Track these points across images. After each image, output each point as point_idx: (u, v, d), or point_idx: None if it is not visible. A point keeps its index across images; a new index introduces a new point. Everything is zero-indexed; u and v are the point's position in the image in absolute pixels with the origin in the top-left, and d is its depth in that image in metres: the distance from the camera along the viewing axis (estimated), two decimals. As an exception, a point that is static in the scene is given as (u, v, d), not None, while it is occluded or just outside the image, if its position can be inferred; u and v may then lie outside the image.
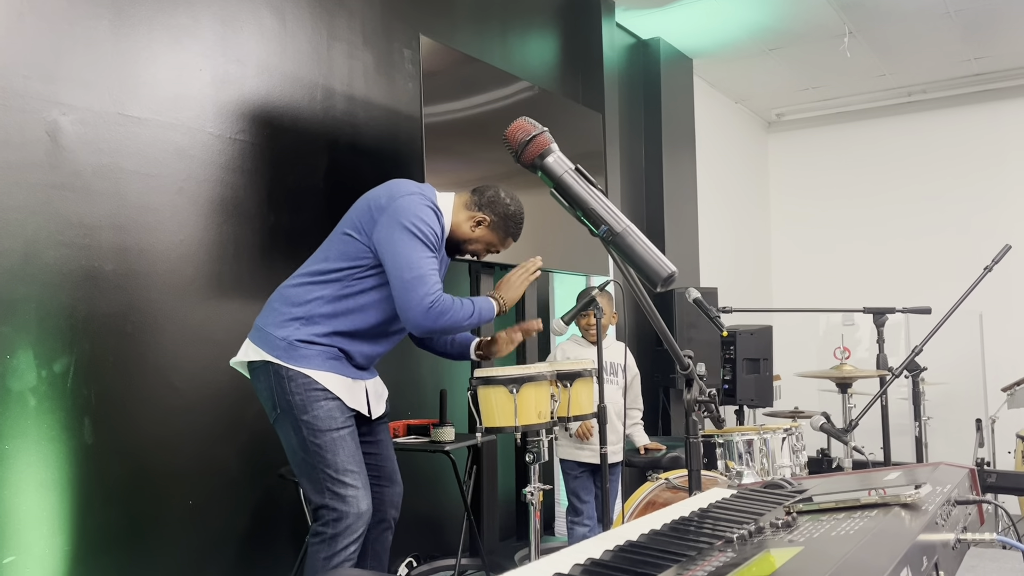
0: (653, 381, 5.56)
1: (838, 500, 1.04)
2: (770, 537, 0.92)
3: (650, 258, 1.04)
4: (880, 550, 0.81)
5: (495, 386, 2.31)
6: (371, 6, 3.72)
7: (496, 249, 2.57)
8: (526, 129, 1.10)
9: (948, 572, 0.97)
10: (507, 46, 4.61)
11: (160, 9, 2.85)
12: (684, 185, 6.20)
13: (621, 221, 1.05)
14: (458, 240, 2.50)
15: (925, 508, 1.01)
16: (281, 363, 2.26)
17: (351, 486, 2.22)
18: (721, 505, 1.16)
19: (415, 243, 2.25)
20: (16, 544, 2.37)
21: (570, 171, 1.06)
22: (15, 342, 2.40)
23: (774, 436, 2.83)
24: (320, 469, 2.24)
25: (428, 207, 2.33)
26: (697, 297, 3.10)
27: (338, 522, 2.21)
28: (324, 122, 3.44)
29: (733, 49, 6.28)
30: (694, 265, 6.26)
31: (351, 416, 2.32)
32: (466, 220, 2.49)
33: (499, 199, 2.51)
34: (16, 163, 2.44)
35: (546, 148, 1.09)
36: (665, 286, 1.04)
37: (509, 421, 2.29)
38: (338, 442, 2.24)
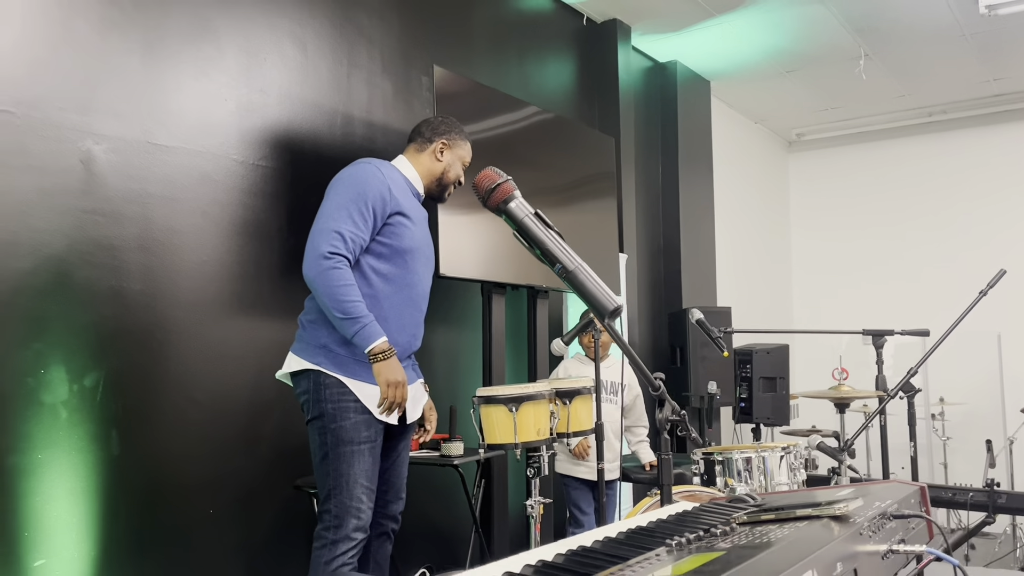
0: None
1: (776, 512, 1.14)
2: (705, 544, 1.02)
3: (598, 292, 1.14)
4: (791, 554, 0.91)
5: (495, 405, 2.43)
6: (390, 35, 3.87)
7: (468, 160, 2.71)
8: (492, 178, 1.22)
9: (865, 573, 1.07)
10: (524, 71, 4.74)
11: (188, 42, 3.02)
12: (701, 205, 6.28)
13: (574, 260, 1.16)
14: (438, 178, 2.64)
15: (853, 520, 1.11)
16: (321, 369, 2.39)
17: (357, 498, 2.34)
18: (679, 516, 1.26)
19: (337, 198, 2.40)
20: (46, 548, 2.52)
21: (530, 215, 1.18)
22: (48, 357, 2.56)
23: (772, 454, 2.91)
24: (334, 476, 2.36)
25: (362, 164, 2.49)
26: (700, 318, 3.19)
27: (338, 529, 2.33)
28: (344, 147, 3.59)
29: (750, 71, 6.37)
30: (711, 284, 6.33)
31: (379, 429, 2.43)
32: (429, 158, 2.63)
33: (432, 122, 2.68)
34: (51, 189, 2.61)
35: (509, 195, 1.20)
36: (612, 318, 1.14)
37: (509, 438, 2.40)
38: (356, 455, 2.36)
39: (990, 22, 5.38)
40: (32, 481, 2.50)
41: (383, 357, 2.31)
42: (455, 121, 2.71)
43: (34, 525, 2.49)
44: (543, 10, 4.95)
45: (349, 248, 2.35)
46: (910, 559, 1.23)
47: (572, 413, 2.53)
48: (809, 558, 0.91)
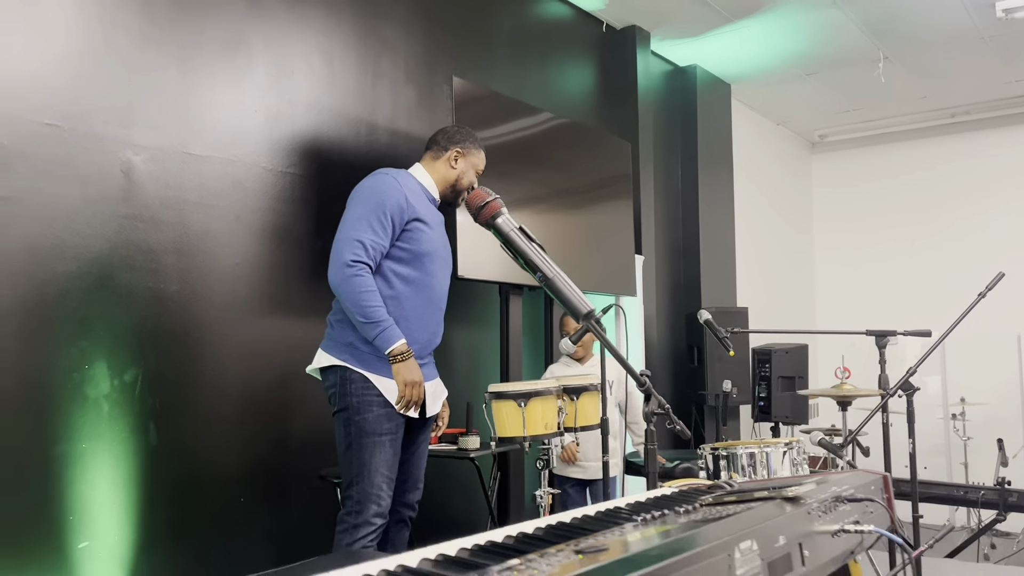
0: (685, 397, 5.74)
1: (738, 495, 1.28)
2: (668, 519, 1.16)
3: (573, 297, 1.28)
4: (737, 527, 1.05)
5: (505, 400, 2.57)
6: (414, 45, 4.04)
7: (481, 168, 2.87)
8: (482, 196, 1.37)
9: (816, 552, 1.20)
10: (545, 78, 4.88)
11: (221, 56, 3.20)
12: (721, 206, 6.38)
13: (552, 268, 1.30)
14: (452, 184, 2.80)
15: (804, 501, 1.24)
16: (347, 365, 2.56)
17: (378, 486, 2.51)
18: (655, 499, 1.40)
19: (358, 209, 2.58)
20: (90, 532, 2.71)
21: (515, 230, 1.32)
22: (91, 354, 2.76)
23: (775, 450, 3.02)
24: (356, 465, 2.53)
25: (380, 175, 2.66)
26: (708, 319, 3.31)
27: (359, 514, 2.50)
28: (368, 155, 3.76)
29: (770, 74, 6.45)
30: (730, 285, 6.42)
31: (400, 423, 2.59)
32: (444, 166, 2.80)
33: (448, 131, 2.85)
34: (94, 197, 2.80)
35: (497, 211, 1.35)
36: (586, 320, 1.27)
37: (518, 431, 2.55)
38: (378, 446, 2.53)
39: (1008, 25, 5.42)
40: (77, 469, 2.69)
41: (401, 358, 2.48)
42: (470, 130, 2.88)
43: (79, 510, 2.68)
44: (563, 18, 5.09)
45: (370, 255, 2.53)
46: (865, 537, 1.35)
47: (579, 408, 2.66)
48: (750, 529, 1.05)
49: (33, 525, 2.59)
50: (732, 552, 0.99)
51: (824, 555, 1.23)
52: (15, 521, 2.54)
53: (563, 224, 4.14)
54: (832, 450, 2.90)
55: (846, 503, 1.33)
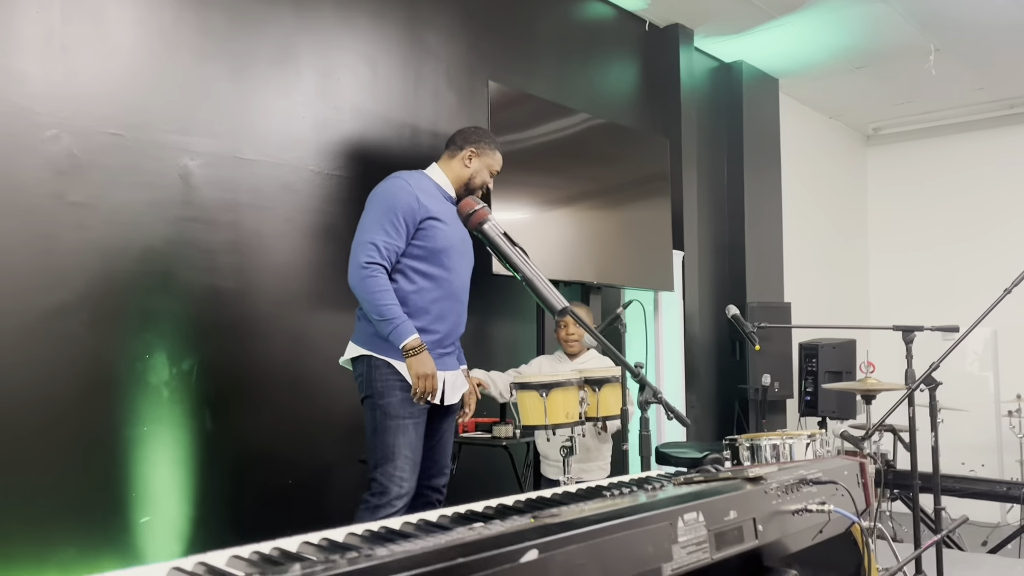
0: (728, 391, 5.81)
1: (706, 475, 1.41)
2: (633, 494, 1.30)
3: (549, 295, 1.41)
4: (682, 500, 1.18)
5: (529, 391, 2.73)
6: (455, 50, 4.21)
7: (496, 168, 2.99)
8: (471, 205, 1.53)
9: (773, 527, 1.32)
10: (588, 78, 5.01)
11: (271, 66, 3.41)
12: (767, 202, 6.40)
13: (532, 269, 1.44)
14: (465, 183, 2.91)
15: (764, 481, 1.37)
16: (373, 354, 2.74)
17: (401, 468, 2.68)
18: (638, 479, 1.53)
19: (372, 212, 2.74)
20: (150, 508, 2.96)
21: (499, 235, 1.46)
22: (154, 345, 3.00)
23: (798, 441, 3.10)
24: (381, 448, 2.70)
25: (392, 179, 2.80)
26: (735, 314, 3.41)
27: (382, 495, 2.67)
28: (410, 157, 3.94)
29: (819, 68, 6.44)
30: (777, 280, 6.44)
31: (423, 408, 2.75)
32: (460, 165, 2.93)
33: (466, 131, 2.97)
34: (158, 201, 3.05)
35: (484, 218, 1.50)
36: (561, 316, 1.41)
37: (540, 420, 2.70)
38: (401, 429, 2.69)
39: (1061, 16, 5.33)
40: (139, 450, 2.94)
41: (414, 352, 2.64)
42: (487, 131, 3.03)
43: (140, 487, 2.93)
44: (605, 18, 5.20)
45: (384, 256, 2.69)
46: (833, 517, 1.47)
47: (601, 399, 2.80)
48: (699, 503, 1.18)
49: (100, 500, 2.85)
50: (675, 521, 1.13)
51: (782, 530, 1.35)
52: (84, 496, 2.80)
53: (600, 222, 4.26)
54: (854, 442, 2.97)
55: (812, 485, 1.45)
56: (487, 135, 3.00)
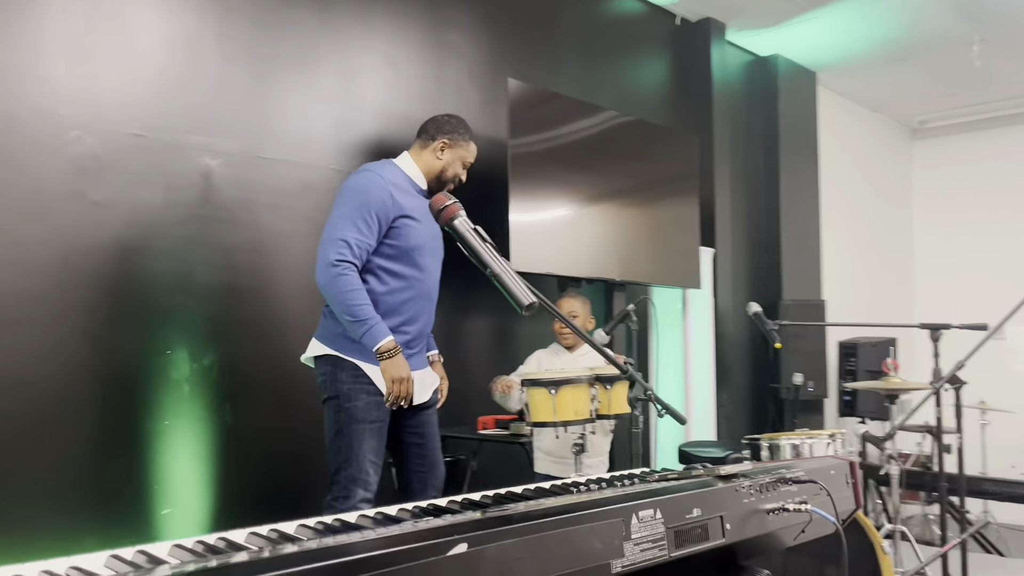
0: (762, 390, 5.72)
1: (679, 472, 1.39)
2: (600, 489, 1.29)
3: (516, 290, 1.40)
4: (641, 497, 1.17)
5: (538, 388, 2.71)
6: (478, 49, 4.21)
7: (469, 160, 2.87)
8: (442, 200, 1.51)
9: (742, 525, 1.30)
10: (616, 75, 4.97)
11: (292, 67, 3.46)
12: (804, 198, 6.28)
13: (500, 264, 1.42)
14: (437, 175, 2.82)
15: (736, 479, 1.34)
16: (339, 354, 2.66)
17: (366, 471, 2.61)
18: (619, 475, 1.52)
19: (343, 208, 2.61)
20: (172, 500, 3.02)
21: (470, 231, 1.46)
22: (174, 341, 3.07)
23: (818, 441, 3.04)
24: (345, 451, 2.63)
25: (364, 173, 2.68)
26: (756, 311, 3.35)
27: (347, 499, 2.61)
28: (432, 155, 3.96)
29: (859, 60, 6.30)
30: (814, 277, 6.32)
31: (387, 411, 2.68)
32: (430, 155, 2.81)
33: (438, 120, 2.85)
34: (178, 201, 3.11)
35: (454, 214, 1.49)
36: (529, 311, 1.39)
37: (550, 417, 2.68)
38: (367, 433, 2.62)
39: (1111, 2, 5.13)
40: (161, 443, 3.00)
41: (388, 356, 2.53)
42: (461, 121, 2.89)
43: (162, 480, 3.00)
44: (634, 13, 5.16)
45: (355, 254, 2.58)
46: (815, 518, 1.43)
47: (613, 396, 2.77)
48: (658, 500, 1.17)
49: (122, 492, 2.92)
50: (629, 518, 1.11)
51: (757, 529, 1.32)
52: (106, 488, 2.88)
53: (625, 219, 4.23)
54: (875, 443, 2.90)
55: (791, 484, 1.42)
56: (461, 125, 2.87)
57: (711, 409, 4.83)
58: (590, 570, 1.04)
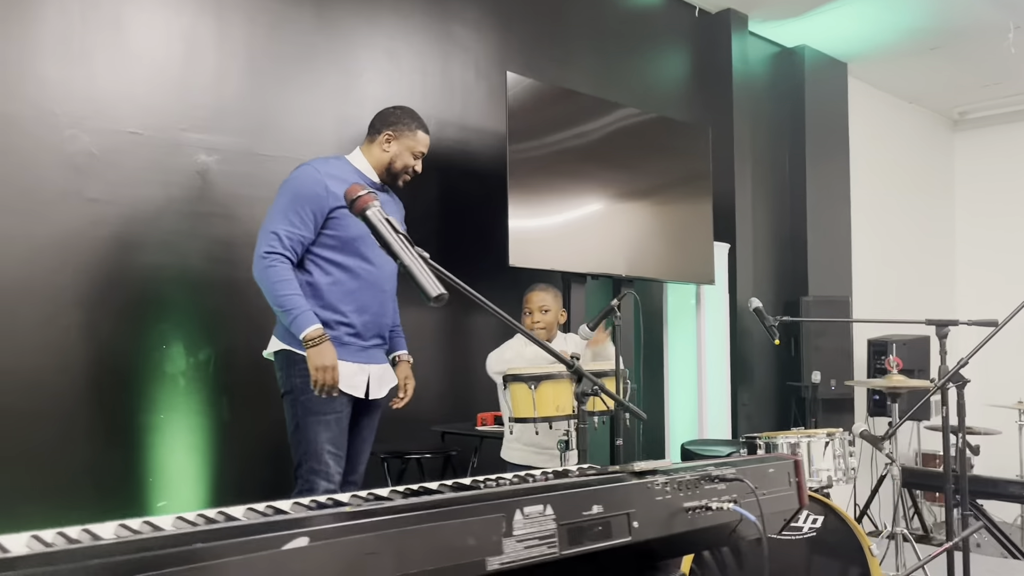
0: (784, 389, 5.59)
1: (599, 470, 1.35)
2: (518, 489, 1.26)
3: (425, 282, 1.37)
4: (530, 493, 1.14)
5: (519, 382, 2.68)
6: (486, 42, 4.19)
7: (418, 150, 2.86)
8: (355, 191, 1.50)
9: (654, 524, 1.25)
10: (631, 68, 4.90)
11: (293, 65, 3.48)
12: (833, 192, 6.13)
13: (410, 256, 1.41)
14: (388, 167, 2.83)
15: (651, 475, 1.30)
16: (292, 348, 2.68)
17: (326, 463, 2.63)
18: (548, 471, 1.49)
19: (278, 202, 2.66)
20: (167, 492, 3.07)
21: (382, 221, 1.44)
22: (170, 335, 3.11)
23: (816, 441, 2.96)
24: (304, 444, 2.65)
25: (302, 167, 2.71)
26: (757, 307, 3.28)
27: (310, 492, 2.62)
28: (437, 151, 3.95)
29: (891, 50, 6.13)
30: (843, 272, 6.16)
31: (345, 402, 2.69)
32: (379, 149, 2.83)
33: (384, 112, 2.87)
34: (176, 197, 3.15)
35: (367, 204, 1.47)
36: (438, 303, 1.37)
37: (530, 412, 2.65)
38: (323, 425, 2.64)
39: None
40: (156, 437, 3.05)
41: (313, 343, 2.55)
42: (407, 111, 2.88)
43: (157, 473, 3.04)
44: (651, 6, 5.08)
45: (286, 246, 2.61)
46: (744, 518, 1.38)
47: (599, 393, 2.73)
48: (546, 496, 1.13)
49: (118, 485, 2.97)
50: (512, 514, 1.08)
51: (671, 528, 1.28)
52: (102, 481, 2.93)
53: (633, 214, 4.17)
54: (873, 443, 2.81)
55: (718, 482, 1.37)
56: (406, 115, 2.86)
57: (726, 407, 4.74)
58: (462, 567, 1.02)
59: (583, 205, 3.96)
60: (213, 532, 0.86)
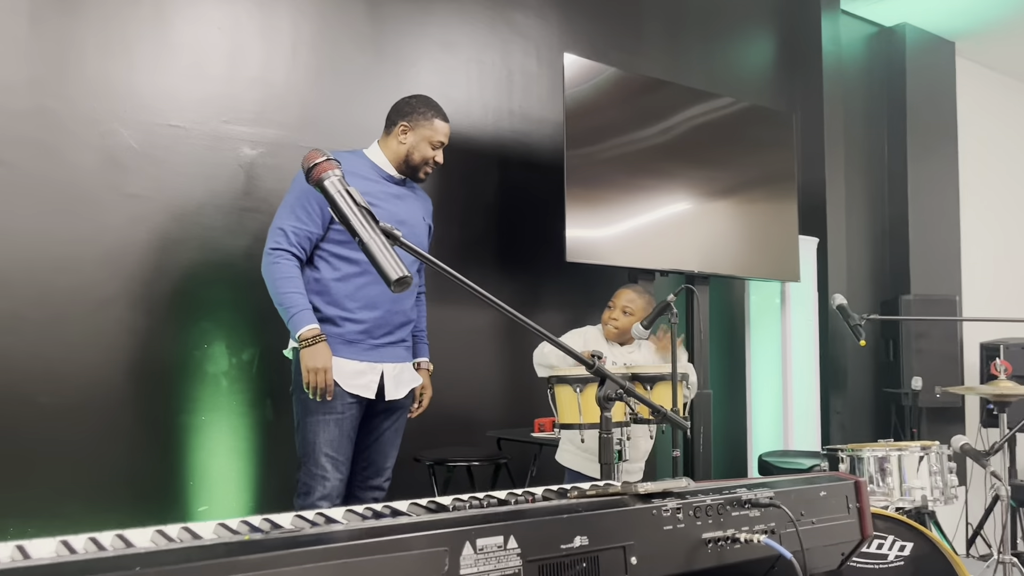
0: (884, 396, 5.14)
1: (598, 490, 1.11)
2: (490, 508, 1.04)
3: (385, 263, 1.17)
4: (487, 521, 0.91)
5: (564, 384, 2.44)
6: (548, 30, 3.97)
7: (436, 139, 2.68)
8: (313, 158, 1.31)
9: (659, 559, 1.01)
10: (709, 54, 4.60)
11: (340, 55, 3.35)
12: (940, 182, 5.63)
13: (369, 234, 1.21)
14: (406, 160, 2.67)
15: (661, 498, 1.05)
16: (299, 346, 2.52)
17: (322, 467, 2.49)
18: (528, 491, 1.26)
19: (287, 198, 2.57)
20: (209, 497, 2.97)
21: (341, 192, 1.25)
22: (212, 334, 3.01)
23: (908, 454, 2.61)
24: (302, 445, 2.54)
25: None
26: (840, 304, 2.95)
27: (307, 496, 2.50)
28: (497, 141, 3.76)
29: (1005, 25, 5.59)
30: (952, 269, 5.65)
31: (349, 404, 2.53)
32: (395, 142, 2.67)
33: (399, 104, 2.70)
34: (219, 191, 3.06)
35: (324, 173, 1.28)
36: (398, 287, 1.16)
37: (575, 418, 2.41)
38: (322, 425, 2.50)
39: None
40: (197, 438, 2.96)
41: (307, 344, 2.45)
42: (423, 100, 2.71)
43: (198, 476, 2.95)
44: (731, -15, 4.76)
45: (292, 242, 2.52)
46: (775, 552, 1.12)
47: (653, 399, 2.47)
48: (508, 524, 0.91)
49: (158, 487, 2.88)
50: (459, 547, 0.86)
51: (682, 564, 1.04)
52: (141, 483, 2.85)
53: (708, 206, 3.87)
54: (976, 458, 2.45)
55: (750, 508, 1.12)
56: (422, 104, 2.70)
57: (814, 415, 4.36)
58: (384, 617, 0.80)
59: (649, 196, 3.69)
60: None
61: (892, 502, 2.55)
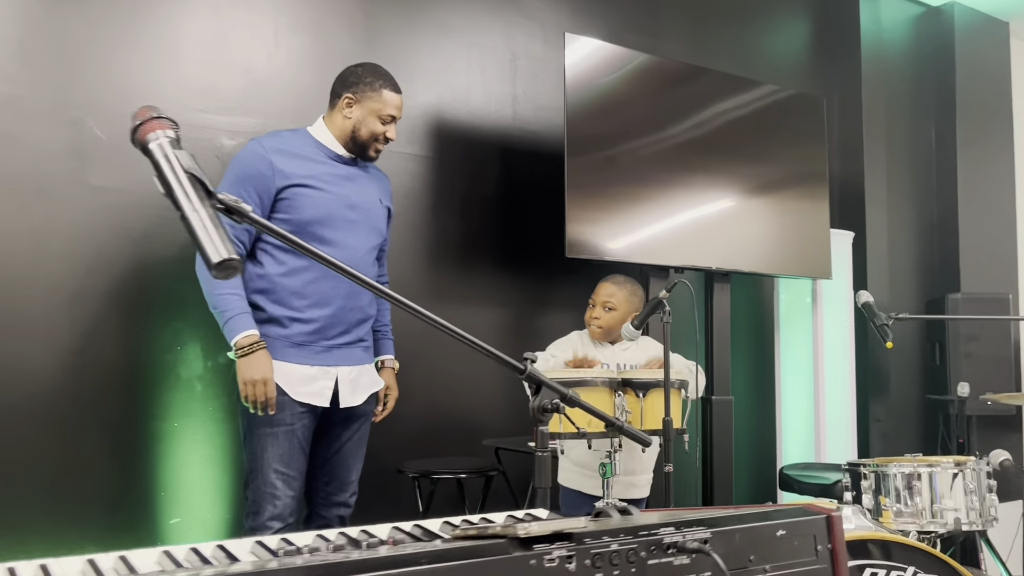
0: (930, 403, 4.77)
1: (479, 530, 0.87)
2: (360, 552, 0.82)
3: (207, 244, 0.97)
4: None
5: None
6: (556, 10, 3.73)
7: (386, 113, 2.42)
8: (143, 115, 1.10)
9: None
10: (734, 38, 4.31)
11: (325, 41, 3.16)
12: (994, 172, 5.22)
13: (198, 209, 1.00)
14: (351, 136, 2.42)
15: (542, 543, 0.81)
16: None
17: (272, 484, 2.26)
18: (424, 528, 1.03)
19: (222, 184, 2.30)
20: (181, 508, 2.79)
21: (167, 156, 1.04)
22: (185, 336, 2.84)
23: (941, 471, 2.30)
24: (249, 460, 2.31)
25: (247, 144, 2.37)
26: (866, 302, 2.65)
27: (256, 516, 2.28)
28: (501, 128, 3.54)
29: (1063, 3, 5.17)
30: (1007, 265, 5.24)
31: (300, 414, 2.31)
32: (340, 116, 2.42)
33: (343, 74, 2.45)
34: (196, 185, 2.88)
35: (151, 133, 1.08)
36: (219, 272, 0.94)
37: (556, 426, 2.16)
38: (269, 439, 2.27)
39: None
40: (169, 446, 2.78)
41: (243, 352, 2.22)
42: (370, 68, 2.45)
43: (170, 486, 2.77)
44: (759, -36, 4.46)
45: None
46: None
47: (647, 408, 2.21)
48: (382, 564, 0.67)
49: (127, 498, 2.72)
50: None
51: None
52: (110, 493, 2.69)
53: (728, 197, 3.58)
54: (1017, 477, 2.14)
55: (674, 554, 0.87)
56: (368, 74, 2.43)
57: (850, 423, 4.02)
58: None
59: (662, 188, 3.41)
60: None
61: (920, 525, 2.25)
